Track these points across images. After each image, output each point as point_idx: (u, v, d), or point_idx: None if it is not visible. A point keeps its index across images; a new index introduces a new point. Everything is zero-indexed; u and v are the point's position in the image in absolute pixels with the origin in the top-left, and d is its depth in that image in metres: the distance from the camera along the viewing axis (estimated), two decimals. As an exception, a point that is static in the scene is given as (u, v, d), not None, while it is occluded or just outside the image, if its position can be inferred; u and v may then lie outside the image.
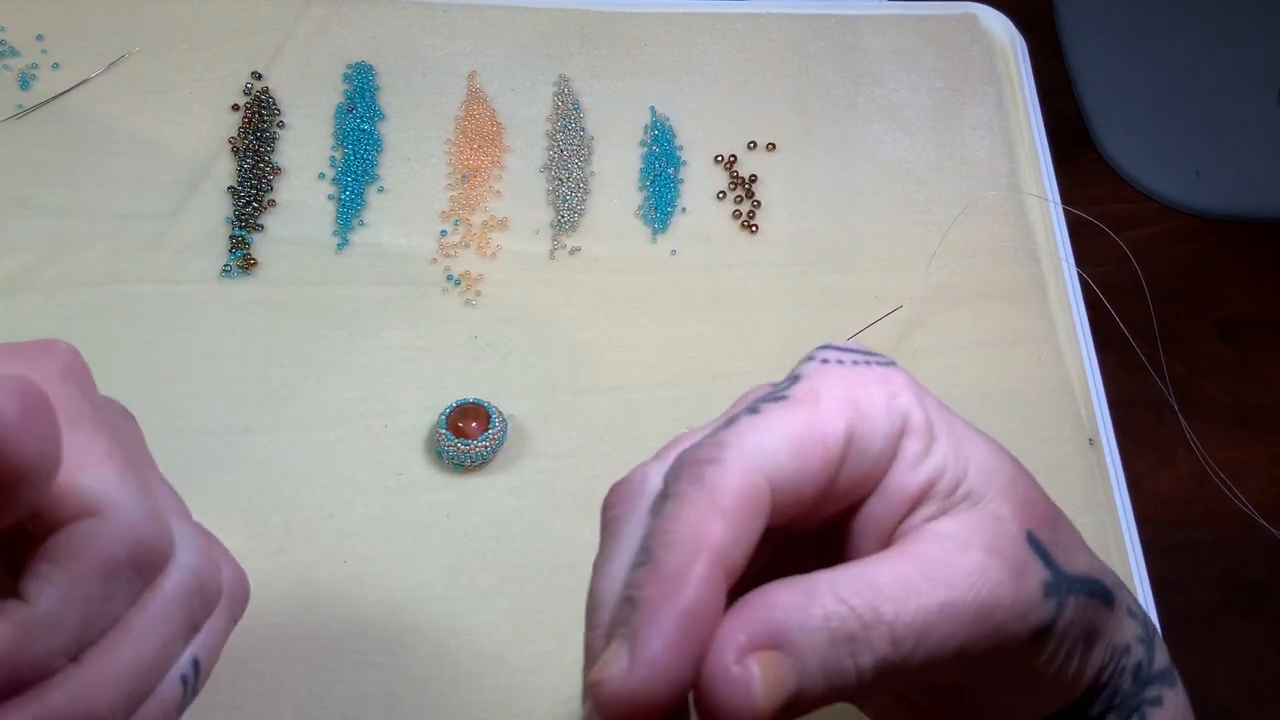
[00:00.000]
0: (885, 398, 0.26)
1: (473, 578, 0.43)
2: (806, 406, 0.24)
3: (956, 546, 0.24)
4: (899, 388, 0.26)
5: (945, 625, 0.22)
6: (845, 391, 0.25)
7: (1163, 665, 0.29)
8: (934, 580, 0.23)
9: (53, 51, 0.54)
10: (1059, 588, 0.25)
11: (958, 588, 0.23)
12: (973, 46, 0.59)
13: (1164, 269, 0.57)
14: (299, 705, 0.40)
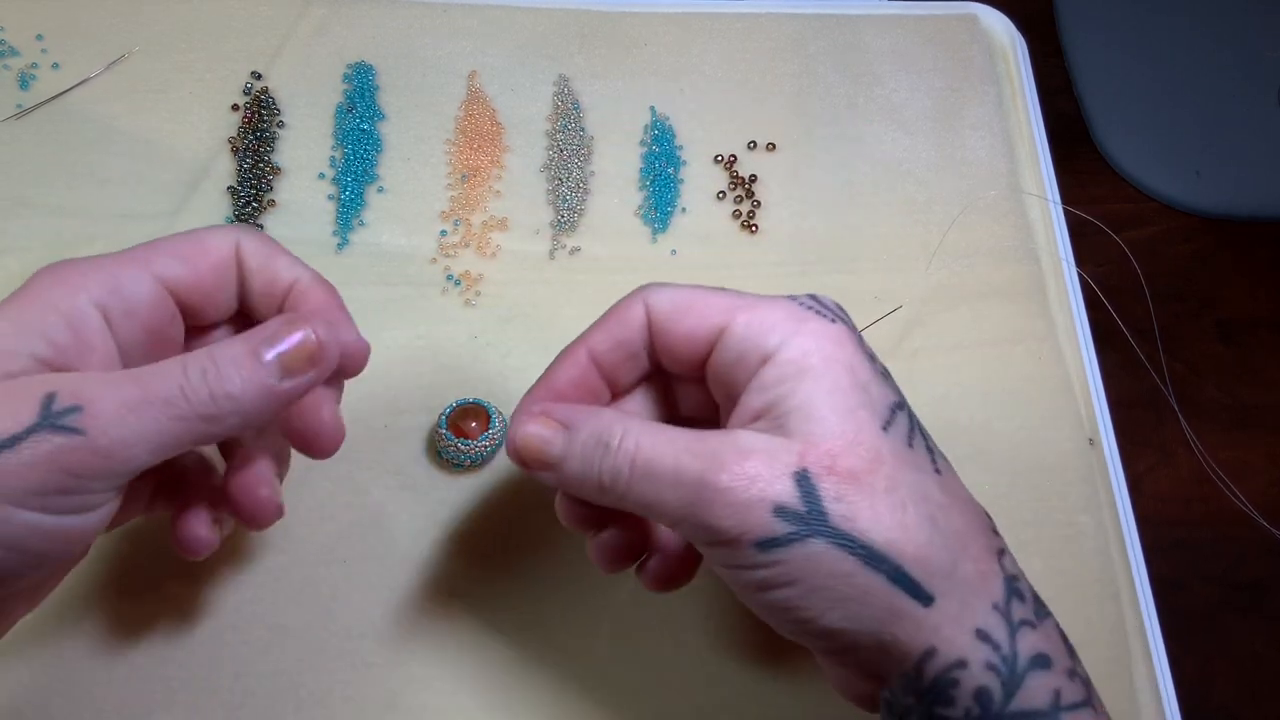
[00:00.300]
0: (784, 332, 0.31)
1: (473, 578, 0.43)
2: (709, 297, 0.33)
3: (726, 438, 0.30)
4: (807, 335, 0.31)
5: (664, 476, 0.30)
6: (749, 308, 0.32)
7: (1032, 708, 0.29)
8: (686, 449, 0.30)
9: (52, 51, 0.54)
10: (802, 523, 0.29)
11: (687, 457, 0.30)
12: (973, 46, 0.59)
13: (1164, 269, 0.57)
14: (299, 705, 0.40)
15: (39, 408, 0.28)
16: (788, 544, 0.29)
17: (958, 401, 0.49)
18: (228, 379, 0.30)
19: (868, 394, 0.31)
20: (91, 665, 0.40)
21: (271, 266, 0.35)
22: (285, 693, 0.41)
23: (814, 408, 0.30)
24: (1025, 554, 0.46)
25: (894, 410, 0.31)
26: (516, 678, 0.42)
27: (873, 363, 0.32)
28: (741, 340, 0.31)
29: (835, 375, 0.31)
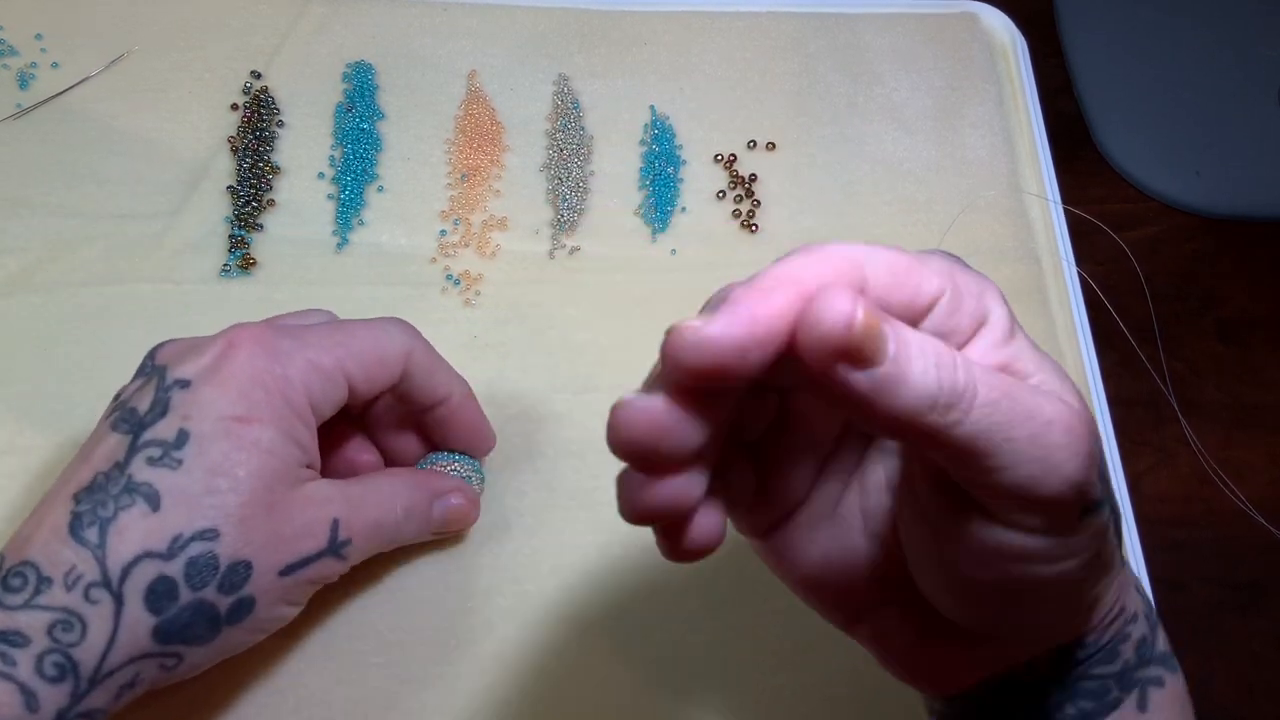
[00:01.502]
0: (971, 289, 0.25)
1: (473, 578, 0.43)
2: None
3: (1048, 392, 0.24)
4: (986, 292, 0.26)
5: (1021, 406, 0.23)
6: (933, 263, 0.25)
7: (1164, 650, 0.30)
8: (1025, 390, 0.23)
9: (52, 51, 0.54)
10: (1103, 492, 0.25)
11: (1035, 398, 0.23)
12: (973, 46, 0.59)
13: (1164, 269, 0.57)
14: (299, 705, 0.40)
15: (328, 534, 0.35)
16: (1096, 512, 0.25)
17: (958, 401, 0.49)
18: (416, 526, 0.40)
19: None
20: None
21: (432, 381, 0.39)
22: (285, 693, 0.41)
23: (1046, 368, 0.25)
24: (1025, 554, 0.46)
25: None
26: (517, 678, 0.42)
27: None
28: (954, 306, 0.25)
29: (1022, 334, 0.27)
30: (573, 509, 0.45)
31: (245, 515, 0.33)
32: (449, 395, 0.40)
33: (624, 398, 0.23)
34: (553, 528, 0.45)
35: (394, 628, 0.42)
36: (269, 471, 0.33)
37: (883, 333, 0.22)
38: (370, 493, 0.38)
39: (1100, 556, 0.26)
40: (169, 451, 0.33)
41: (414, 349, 0.38)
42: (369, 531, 0.37)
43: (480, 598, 0.43)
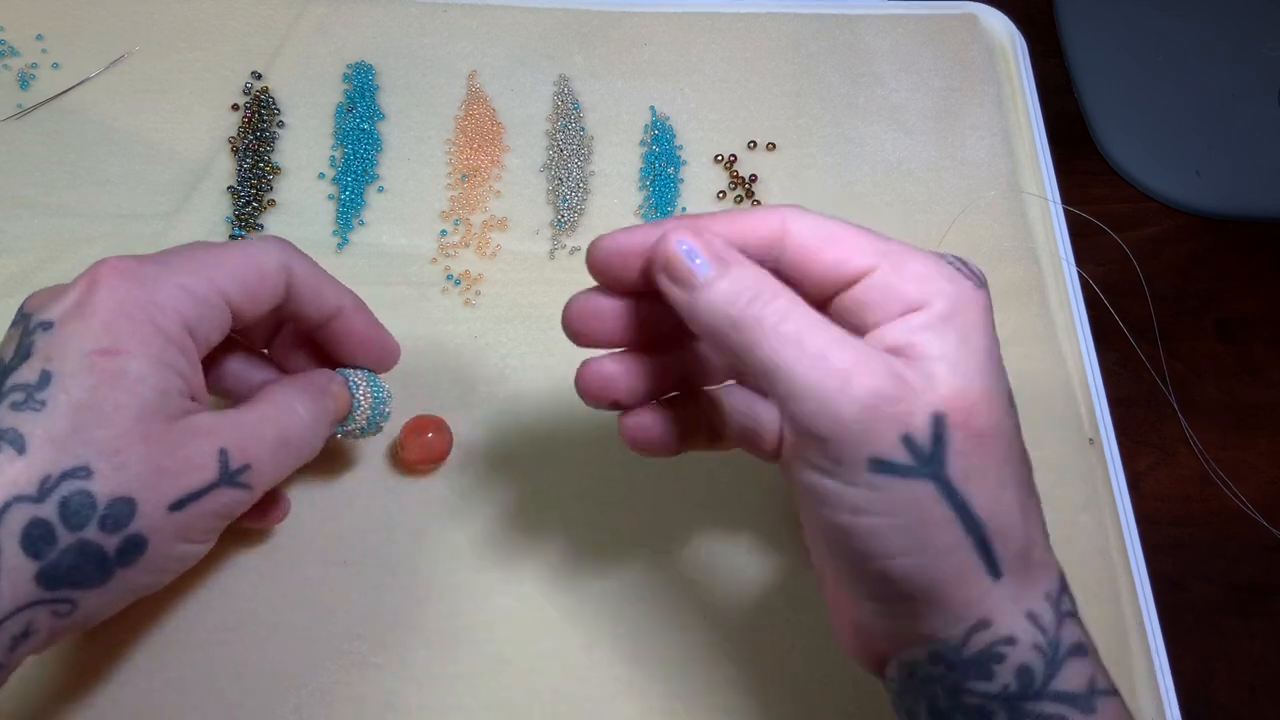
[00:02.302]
0: (936, 285, 0.31)
1: (473, 578, 0.43)
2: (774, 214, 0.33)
3: (877, 350, 0.29)
4: (959, 293, 0.31)
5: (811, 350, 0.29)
6: (899, 254, 0.31)
7: (1076, 690, 0.29)
8: (839, 338, 0.29)
9: (52, 51, 0.54)
10: (923, 461, 0.28)
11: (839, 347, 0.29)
12: (973, 46, 0.59)
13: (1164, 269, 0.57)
14: (299, 705, 0.40)
15: (217, 465, 0.33)
16: (902, 474, 0.28)
17: (958, 401, 0.49)
18: (325, 426, 0.38)
19: (1002, 371, 0.31)
20: (92, 666, 0.40)
21: (319, 294, 0.39)
22: (285, 693, 0.41)
23: (961, 362, 0.30)
24: (1025, 554, 0.46)
25: (1010, 391, 0.31)
26: (517, 678, 0.42)
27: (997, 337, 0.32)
28: (890, 286, 0.31)
29: (980, 339, 0.31)
30: (572, 509, 0.45)
31: (119, 449, 0.31)
32: (340, 307, 0.39)
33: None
34: (553, 527, 0.45)
35: (394, 627, 0.42)
36: (141, 403, 0.32)
37: (690, 266, 0.31)
38: (265, 411, 0.36)
39: (921, 536, 0.29)
40: (31, 394, 0.31)
41: (292, 262, 0.37)
42: (275, 450, 0.36)
43: (480, 598, 0.43)
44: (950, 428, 0.29)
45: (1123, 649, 0.44)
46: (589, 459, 0.46)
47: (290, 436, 0.36)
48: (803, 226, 0.33)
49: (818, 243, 0.32)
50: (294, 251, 0.38)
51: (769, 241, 0.32)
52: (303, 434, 0.37)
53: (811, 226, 0.33)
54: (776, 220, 0.33)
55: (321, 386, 0.39)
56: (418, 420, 0.45)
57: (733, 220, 0.33)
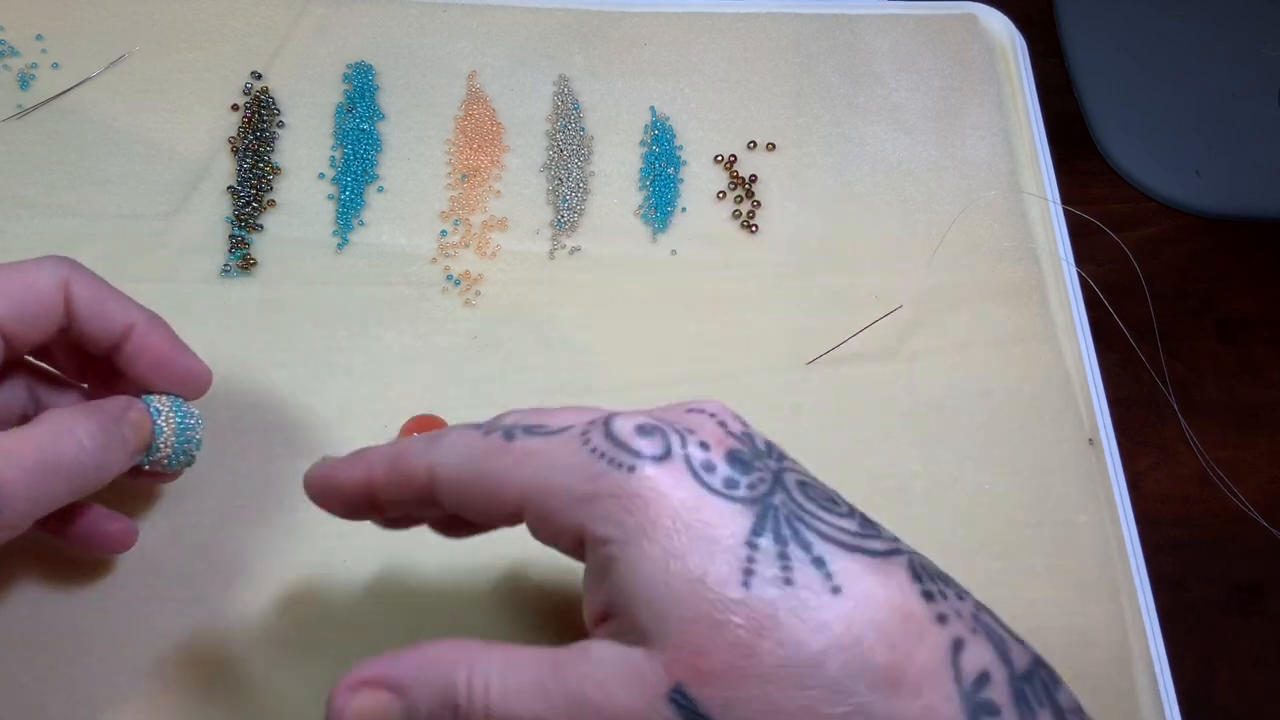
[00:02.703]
0: (578, 504, 0.27)
1: (473, 577, 0.43)
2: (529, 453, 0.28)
3: (585, 663, 0.26)
4: (607, 500, 0.26)
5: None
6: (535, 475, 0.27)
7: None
8: (546, 692, 0.26)
9: (52, 51, 0.54)
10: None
11: (545, 705, 0.26)
12: (973, 46, 0.59)
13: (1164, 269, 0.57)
14: (299, 705, 0.40)
15: None
16: None
17: (958, 401, 0.49)
18: (113, 453, 0.34)
19: (710, 539, 0.25)
20: (92, 666, 0.40)
21: (104, 311, 0.36)
22: (285, 692, 0.41)
23: (654, 595, 0.25)
24: (1025, 554, 0.46)
25: (752, 543, 0.25)
26: (516, 678, 0.42)
27: (712, 476, 0.26)
28: (541, 521, 0.27)
29: (661, 538, 0.25)
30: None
31: None
32: (129, 325, 0.36)
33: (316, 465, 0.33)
34: (553, 528, 0.45)
35: (394, 628, 0.42)
36: None
37: None
38: (31, 433, 0.33)
39: None
40: None
41: (72, 279, 0.35)
42: (34, 473, 0.32)
43: (480, 598, 0.43)
44: (693, 692, 0.24)
45: (1123, 649, 0.44)
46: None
47: (57, 461, 0.32)
48: (451, 477, 0.29)
49: (474, 494, 0.29)
50: (75, 268, 0.35)
51: (425, 492, 0.30)
52: (78, 460, 0.33)
53: (457, 475, 0.29)
54: (424, 475, 0.29)
55: (113, 413, 0.35)
56: (418, 420, 0.45)
57: (390, 469, 0.30)
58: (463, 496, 0.28)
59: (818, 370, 0.49)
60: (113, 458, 0.34)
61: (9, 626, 0.40)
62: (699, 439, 0.27)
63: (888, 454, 0.47)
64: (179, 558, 0.42)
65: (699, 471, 0.26)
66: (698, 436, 0.27)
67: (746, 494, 0.26)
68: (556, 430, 0.28)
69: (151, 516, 0.43)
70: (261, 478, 0.44)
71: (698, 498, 0.25)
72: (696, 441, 0.27)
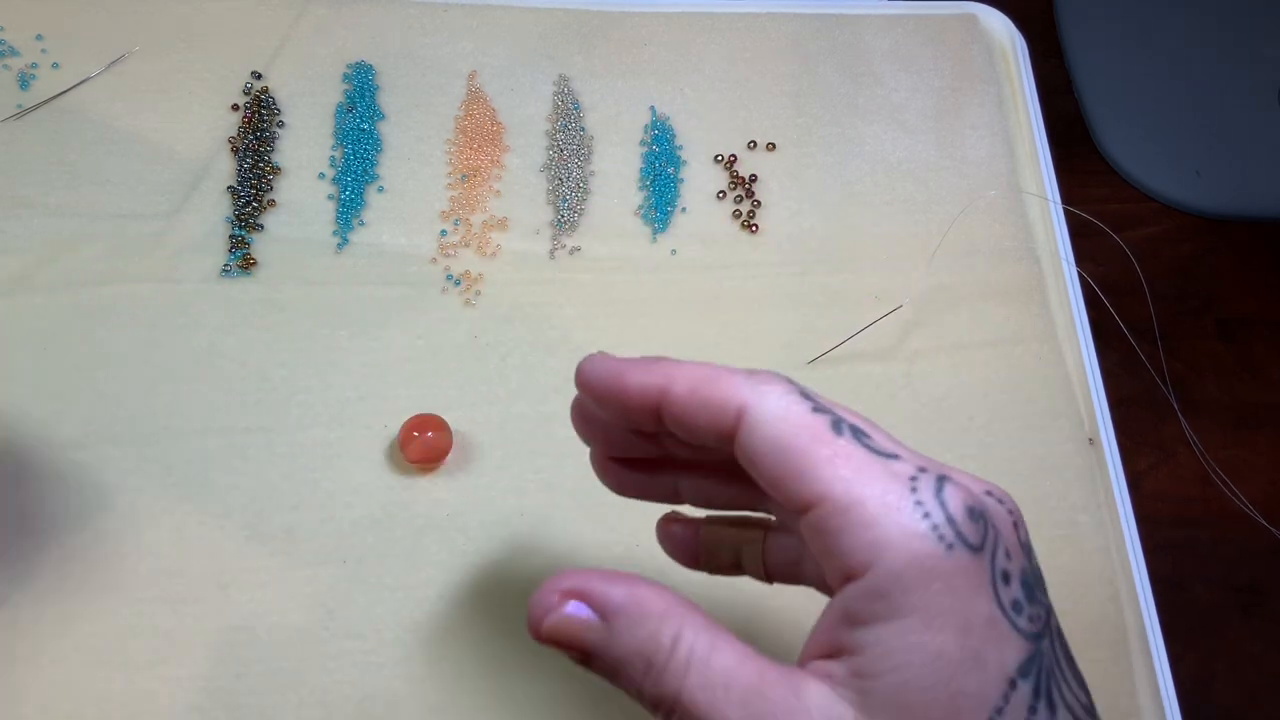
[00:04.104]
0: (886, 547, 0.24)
1: (473, 577, 0.43)
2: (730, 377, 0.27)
3: (794, 695, 0.24)
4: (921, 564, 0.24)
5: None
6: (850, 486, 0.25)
7: None
8: (744, 701, 0.24)
9: (52, 51, 0.54)
10: None
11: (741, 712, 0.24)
12: (973, 46, 0.59)
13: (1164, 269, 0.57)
14: (299, 705, 0.40)
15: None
16: None
17: (958, 401, 0.49)
18: None
19: (981, 669, 0.24)
20: (92, 665, 0.40)
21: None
22: (285, 692, 0.41)
23: (907, 685, 0.23)
24: (1025, 554, 0.46)
25: (1013, 685, 0.24)
26: (517, 677, 0.42)
27: (999, 596, 0.24)
28: (829, 532, 0.25)
29: (942, 638, 0.23)
30: (573, 509, 0.45)
31: None
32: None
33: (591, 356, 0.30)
34: (553, 528, 0.45)
35: (394, 627, 0.42)
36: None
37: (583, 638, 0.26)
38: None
39: None
40: None
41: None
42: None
43: (480, 598, 0.43)
44: None
45: (1123, 649, 0.44)
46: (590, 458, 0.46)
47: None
48: (761, 431, 0.26)
49: (774, 461, 0.26)
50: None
51: (723, 430, 0.27)
52: None
53: (772, 434, 0.26)
54: (733, 412, 0.26)
55: None
56: (418, 419, 0.45)
57: (695, 391, 0.27)
58: (765, 460, 0.26)
59: (818, 370, 0.49)
60: None
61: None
62: (1004, 543, 0.25)
63: (888, 454, 0.47)
64: (181, 556, 0.42)
65: (997, 581, 0.24)
66: (1003, 539, 0.25)
67: (1027, 626, 0.25)
68: (885, 453, 0.25)
69: (155, 515, 0.43)
70: (262, 477, 0.44)
71: (990, 610, 0.24)
72: (1004, 547, 0.25)
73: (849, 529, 0.24)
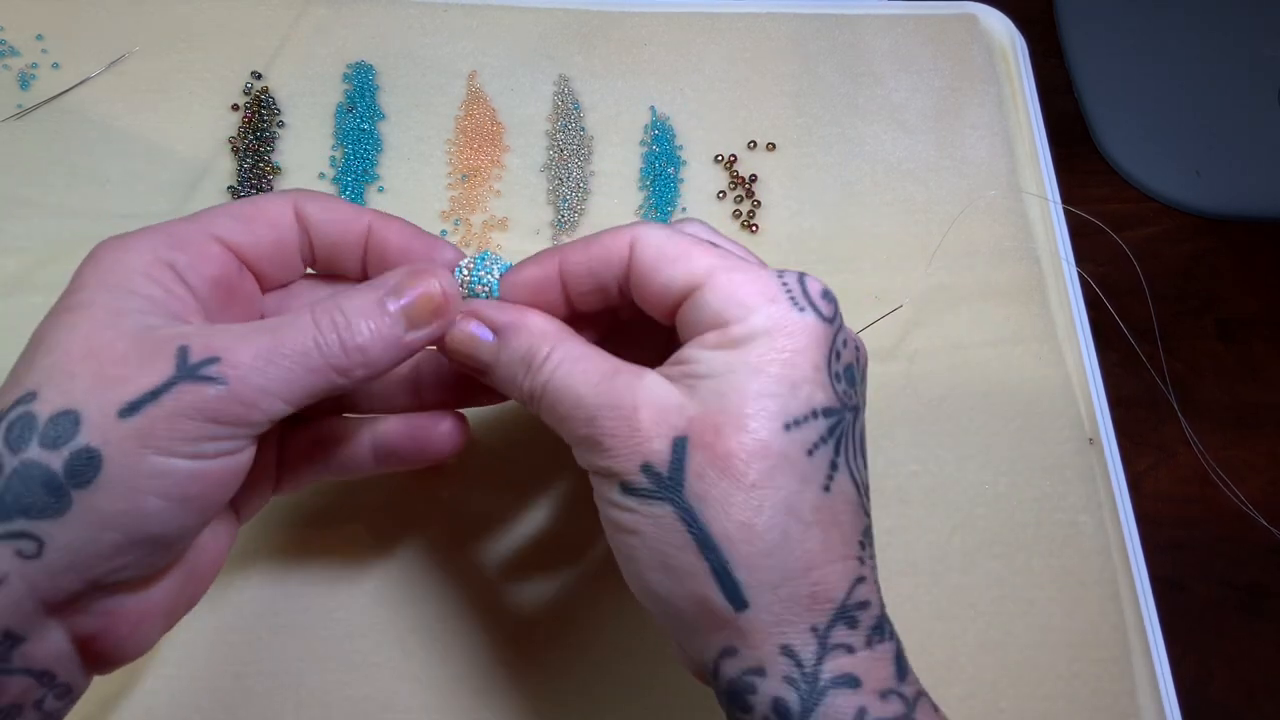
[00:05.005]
0: (746, 308, 0.31)
1: (473, 578, 0.43)
2: (610, 236, 0.33)
3: (637, 380, 0.31)
4: (765, 317, 0.31)
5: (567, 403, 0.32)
6: (727, 271, 0.31)
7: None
8: (596, 384, 0.31)
9: (53, 51, 0.54)
10: (660, 484, 0.30)
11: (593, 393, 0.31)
12: (973, 46, 0.59)
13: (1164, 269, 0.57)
14: (299, 705, 0.40)
15: (174, 360, 0.29)
16: (644, 497, 0.30)
17: (958, 401, 0.49)
18: (357, 331, 0.32)
19: (792, 391, 0.30)
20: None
21: (338, 218, 0.36)
22: (285, 693, 0.41)
23: (728, 384, 0.30)
24: (1025, 554, 0.46)
25: (813, 415, 0.30)
26: (516, 677, 0.42)
27: (830, 363, 0.31)
28: (706, 305, 0.31)
29: (767, 363, 0.30)
30: (572, 509, 0.45)
31: (64, 369, 0.29)
32: (367, 225, 0.36)
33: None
34: (553, 527, 0.45)
35: (394, 627, 0.42)
36: (90, 325, 0.30)
37: (475, 351, 0.34)
38: (273, 322, 0.32)
39: (665, 557, 0.30)
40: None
41: (301, 198, 0.35)
42: (264, 354, 0.30)
43: (480, 597, 0.43)
44: (691, 450, 0.29)
45: (1123, 649, 0.44)
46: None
47: (296, 343, 0.31)
48: (646, 248, 0.32)
49: (659, 260, 0.32)
50: (305, 191, 0.36)
51: (617, 264, 0.33)
52: (313, 342, 0.31)
53: (656, 243, 0.32)
54: (624, 241, 0.33)
55: (386, 288, 0.33)
56: None
57: (588, 247, 0.34)
58: (648, 264, 0.32)
59: (818, 370, 0.49)
60: (370, 335, 0.32)
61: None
62: (847, 336, 0.32)
63: (888, 454, 0.47)
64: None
65: (832, 352, 0.31)
66: (848, 334, 0.32)
67: (842, 392, 0.31)
68: (748, 259, 0.33)
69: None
70: (261, 478, 0.44)
71: (815, 360, 0.31)
72: (845, 337, 0.32)
73: (720, 299, 0.31)
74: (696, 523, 0.29)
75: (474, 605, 0.43)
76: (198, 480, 0.30)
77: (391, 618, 0.42)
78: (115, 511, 0.29)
